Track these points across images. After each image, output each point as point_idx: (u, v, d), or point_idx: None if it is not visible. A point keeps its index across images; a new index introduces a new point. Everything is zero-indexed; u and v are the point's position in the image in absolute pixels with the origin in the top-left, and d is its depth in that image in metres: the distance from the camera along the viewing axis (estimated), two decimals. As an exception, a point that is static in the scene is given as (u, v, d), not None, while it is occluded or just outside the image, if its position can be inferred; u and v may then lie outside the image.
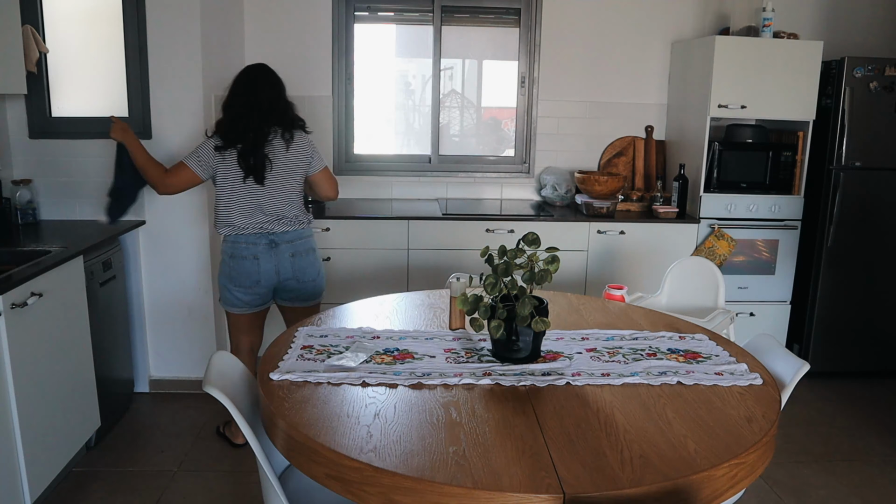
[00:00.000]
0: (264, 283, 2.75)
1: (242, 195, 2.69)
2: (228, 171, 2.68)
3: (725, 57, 3.59)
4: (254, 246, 2.71)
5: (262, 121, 2.67)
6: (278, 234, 2.74)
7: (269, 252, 2.73)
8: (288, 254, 2.76)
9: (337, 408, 1.55)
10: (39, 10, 3.13)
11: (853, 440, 3.21)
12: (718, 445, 1.42)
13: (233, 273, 2.73)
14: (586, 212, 3.72)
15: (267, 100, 2.70)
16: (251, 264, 2.71)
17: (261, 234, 2.72)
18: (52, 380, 2.51)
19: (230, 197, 2.69)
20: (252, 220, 2.70)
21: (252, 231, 2.71)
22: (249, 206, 2.70)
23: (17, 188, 3.17)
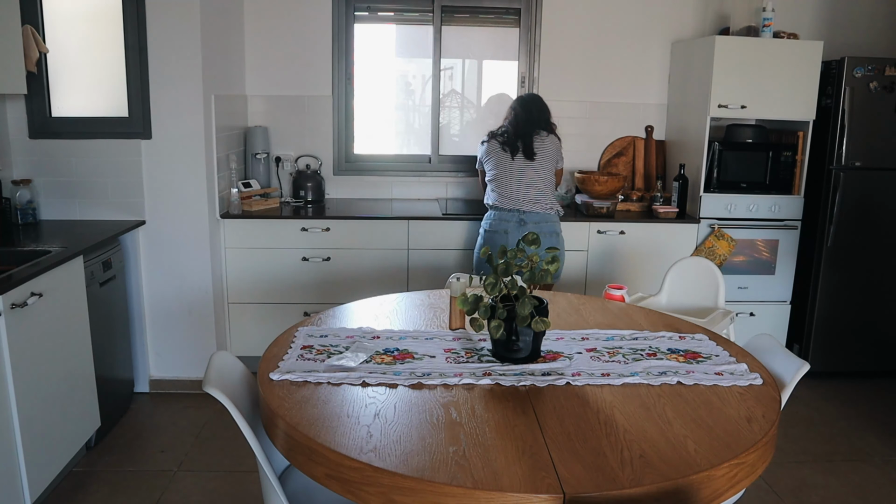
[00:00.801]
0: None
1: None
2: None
3: (725, 57, 3.59)
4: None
5: None
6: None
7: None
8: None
9: (337, 408, 1.55)
10: (39, 10, 3.13)
11: (853, 440, 3.21)
12: (718, 445, 1.42)
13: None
14: (586, 212, 3.72)
15: None
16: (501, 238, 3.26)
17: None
18: (52, 380, 2.51)
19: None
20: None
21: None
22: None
23: (17, 188, 3.17)
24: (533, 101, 3.36)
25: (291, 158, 4.02)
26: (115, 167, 3.26)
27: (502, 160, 3.25)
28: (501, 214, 3.24)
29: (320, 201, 3.91)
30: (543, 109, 3.34)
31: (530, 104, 3.34)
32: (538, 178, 3.23)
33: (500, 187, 3.25)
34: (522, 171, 3.22)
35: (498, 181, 3.26)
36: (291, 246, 3.55)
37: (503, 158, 3.25)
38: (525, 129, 3.26)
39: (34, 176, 3.25)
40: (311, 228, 3.54)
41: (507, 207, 3.22)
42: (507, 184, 3.23)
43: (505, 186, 3.24)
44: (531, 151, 3.23)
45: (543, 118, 3.31)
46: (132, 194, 3.29)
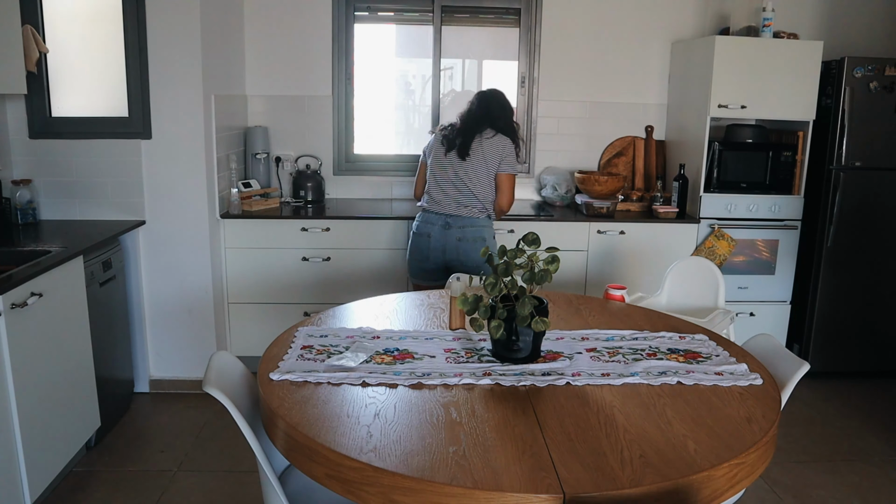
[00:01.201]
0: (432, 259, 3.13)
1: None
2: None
3: (725, 57, 3.59)
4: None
5: None
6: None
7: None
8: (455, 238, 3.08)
9: (337, 408, 1.55)
10: (39, 10, 3.13)
11: (853, 440, 3.21)
12: (718, 445, 1.42)
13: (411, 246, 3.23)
14: (586, 212, 3.72)
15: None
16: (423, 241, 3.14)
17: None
18: (52, 380, 2.51)
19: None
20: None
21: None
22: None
23: (17, 188, 3.17)
24: (493, 97, 3.11)
25: (291, 158, 4.02)
26: (115, 167, 3.26)
27: (438, 156, 3.09)
28: (428, 216, 3.11)
29: (320, 201, 3.91)
30: (504, 108, 3.10)
31: (489, 100, 3.09)
32: (468, 180, 3.02)
33: (431, 187, 3.11)
34: (455, 170, 3.03)
35: (431, 179, 3.11)
36: (291, 246, 3.55)
37: (439, 154, 3.09)
38: (470, 126, 3.04)
39: (34, 176, 3.25)
40: (311, 228, 3.54)
41: (434, 210, 3.08)
42: (437, 184, 3.08)
43: (434, 186, 3.09)
44: (466, 151, 3.00)
45: (498, 116, 3.06)
46: (132, 194, 3.29)
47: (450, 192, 3.06)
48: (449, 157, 3.04)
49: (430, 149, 3.15)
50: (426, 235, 3.09)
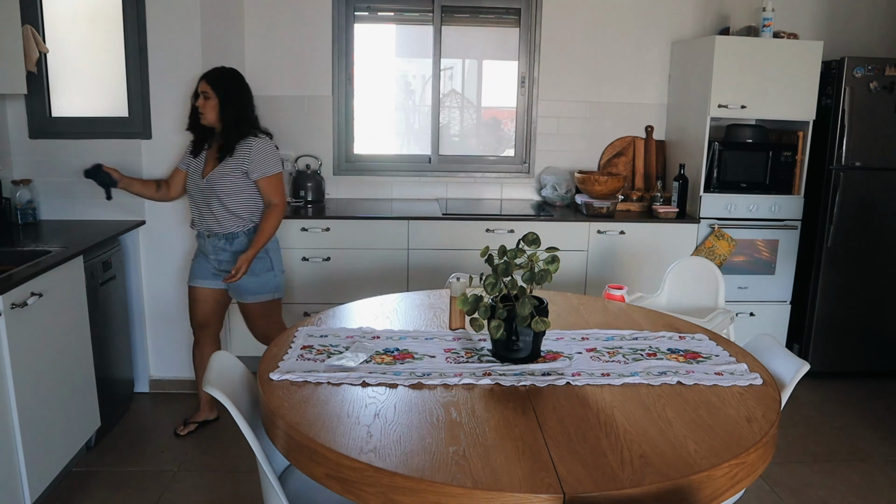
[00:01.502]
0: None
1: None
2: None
3: (725, 57, 3.59)
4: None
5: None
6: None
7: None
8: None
9: (337, 408, 1.55)
10: (39, 10, 3.13)
11: (853, 440, 3.21)
12: (718, 445, 1.42)
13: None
14: (586, 212, 3.72)
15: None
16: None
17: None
18: (52, 380, 2.51)
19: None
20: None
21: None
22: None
23: (17, 188, 3.17)
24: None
25: (291, 158, 4.02)
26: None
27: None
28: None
29: (320, 201, 3.91)
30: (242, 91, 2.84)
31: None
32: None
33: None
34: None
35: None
36: (291, 246, 3.55)
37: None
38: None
39: (34, 176, 3.25)
40: (311, 228, 3.54)
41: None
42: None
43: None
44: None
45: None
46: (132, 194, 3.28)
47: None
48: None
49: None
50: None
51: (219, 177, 2.77)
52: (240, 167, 2.77)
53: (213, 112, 2.76)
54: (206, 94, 2.76)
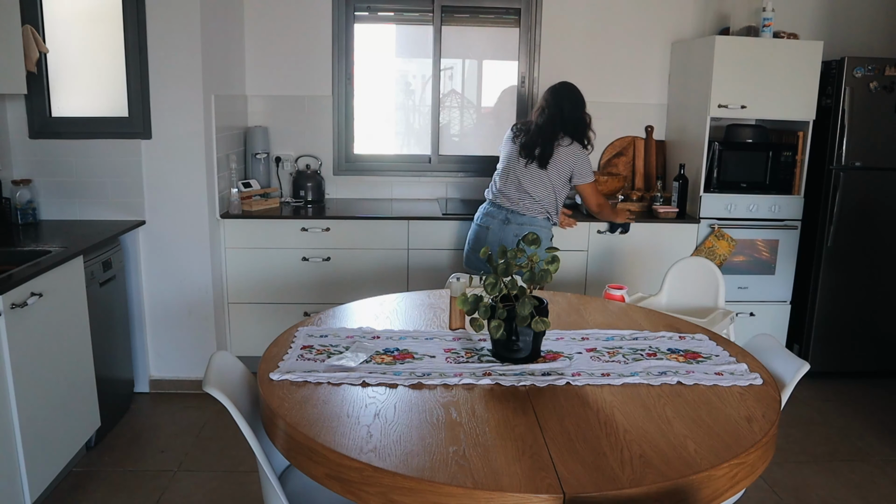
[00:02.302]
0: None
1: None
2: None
3: (725, 57, 3.59)
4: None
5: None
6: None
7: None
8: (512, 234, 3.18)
9: (337, 408, 1.55)
10: (39, 10, 3.13)
11: (853, 440, 3.21)
12: (718, 445, 1.42)
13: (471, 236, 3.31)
14: (586, 212, 3.72)
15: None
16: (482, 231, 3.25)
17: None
18: (52, 380, 2.51)
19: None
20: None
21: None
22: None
23: (17, 188, 3.17)
24: (565, 93, 3.14)
25: (291, 158, 4.02)
26: (115, 167, 3.26)
27: (513, 157, 3.18)
28: (490, 209, 3.22)
29: (320, 201, 3.91)
30: (577, 104, 3.13)
31: (562, 98, 3.13)
32: (541, 185, 3.12)
33: (501, 183, 3.21)
34: (526, 175, 3.13)
35: (502, 175, 3.21)
36: (291, 246, 3.55)
37: (513, 156, 3.18)
38: (546, 132, 3.09)
39: (34, 176, 3.25)
40: (311, 228, 3.54)
41: (499, 203, 3.19)
42: (508, 182, 3.18)
43: (505, 183, 3.19)
44: (545, 160, 3.08)
45: (570, 118, 3.10)
46: (132, 194, 3.29)
47: (513, 190, 3.16)
48: (520, 161, 3.13)
49: (505, 142, 3.26)
50: (486, 228, 3.19)
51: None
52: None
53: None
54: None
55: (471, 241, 3.28)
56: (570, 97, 3.13)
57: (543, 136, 3.09)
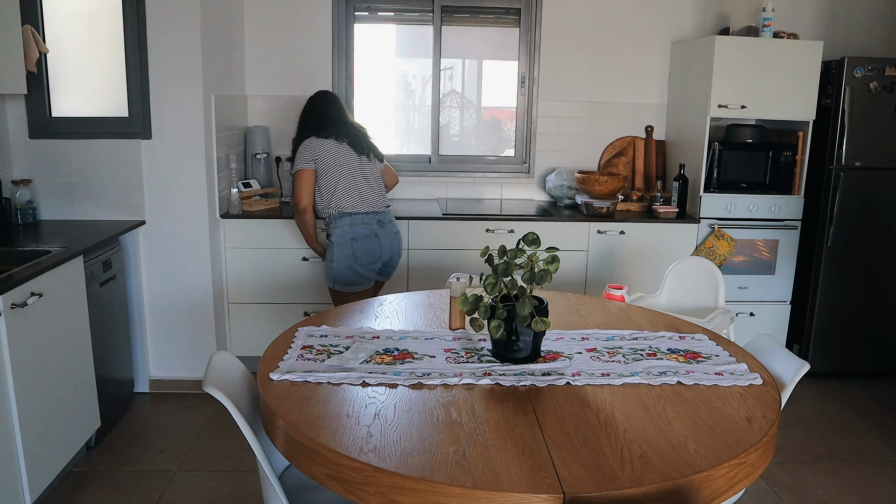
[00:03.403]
0: (384, 258, 3.17)
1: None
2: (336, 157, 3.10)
3: (725, 57, 3.59)
4: (370, 225, 3.12)
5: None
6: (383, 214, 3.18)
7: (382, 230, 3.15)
8: (393, 232, 3.20)
9: (337, 408, 1.55)
10: (39, 10, 3.13)
11: (853, 440, 3.21)
12: (718, 445, 1.42)
13: (357, 252, 3.08)
14: (586, 212, 3.72)
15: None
16: (373, 242, 3.10)
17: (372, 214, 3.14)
18: (52, 380, 2.51)
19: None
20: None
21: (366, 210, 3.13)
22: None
23: (17, 188, 3.17)
24: (335, 99, 3.27)
25: (291, 158, 4.02)
26: (115, 167, 3.26)
27: (351, 160, 3.11)
28: (363, 218, 3.10)
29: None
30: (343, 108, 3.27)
31: (336, 101, 3.25)
32: (379, 178, 3.21)
33: (351, 190, 3.09)
34: (371, 173, 3.16)
35: (347, 182, 3.09)
36: (291, 246, 3.55)
37: (351, 158, 3.11)
38: (356, 128, 3.20)
39: (34, 176, 3.25)
40: (311, 228, 3.54)
41: (364, 210, 3.10)
42: (359, 186, 3.11)
43: (358, 188, 3.11)
44: (378, 153, 3.23)
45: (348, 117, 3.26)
46: (132, 194, 3.29)
47: (368, 190, 3.13)
48: (361, 160, 3.14)
49: (323, 149, 3.08)
50: (373, 236, 3.10)
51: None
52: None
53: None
54: None
55: (358, 256, 3.08)
56: (340, 103, 3.27)
57: (360, 133, 3.20)
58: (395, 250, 3.20)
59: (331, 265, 3.10)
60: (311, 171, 3.07)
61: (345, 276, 3.08)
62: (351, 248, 3.06)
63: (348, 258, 3.06)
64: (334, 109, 3.20)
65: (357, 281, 3.11)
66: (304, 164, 3.06)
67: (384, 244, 3.13)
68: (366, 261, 3.09)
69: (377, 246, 3.11)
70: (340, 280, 3.10)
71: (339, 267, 3.07)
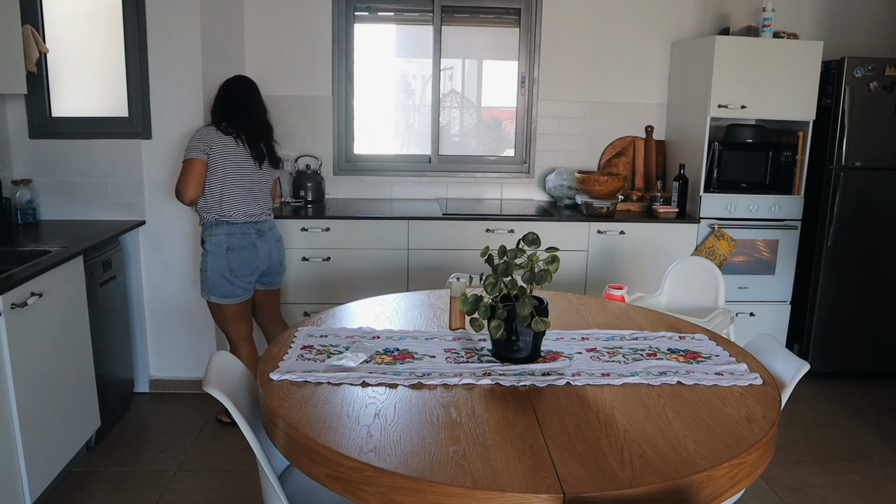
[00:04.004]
0: (262, 268, 2.99)
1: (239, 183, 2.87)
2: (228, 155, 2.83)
3: (725, 57, 3.59)
4: (248, 235, 2.90)
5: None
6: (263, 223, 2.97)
7: (261, 239, 2.95)
8: (273, 240, 3.02)
9: (337, 408, 1.55)
10: (39, 10, 3.13)
11: (853, 440, 3.21)
12: (718, 445, 1.42)
13: (233, 263, 2.87)
14: (586, 212, 3.72)
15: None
16: (250, 252, 2.90)
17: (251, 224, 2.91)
18: (52, 380, 2.51)
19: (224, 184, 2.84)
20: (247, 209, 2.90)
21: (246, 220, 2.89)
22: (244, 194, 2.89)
23: (17, 188, 3.17)
24: (253, 87, 2.95)
25: (291, 158, 4.02)
26: (115, 167, 3.26)
27: (244, 163, 2.85)
28: (241, 228, 2.86)
29: (320, 201, 3.91)
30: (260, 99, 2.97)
31: (252, 91, 2.94)
32: (269, 186, 3.00)
33: (238, 196, 2.85)
34: (262, 179, 2.93)
35: (238, 188, 2.83)
36: (291, 246, 3.55)
37: (244, 161, 2.85)
38: (265, 129, 2.94)
39: (34, 176, 3.25)
40: (311, 228, 3.54)
41: (244, 220, 2.87)
42: (246, 194, 2.87)
43: (245, 197, 2.87)
44: (277, 159, 2.98)
45: (262, 108, 2.97)
46: (132, 194, 3.29)
47: (258, 201, 2.92)
48: (256, 166, 2.90)
49: (220, 149, 2.80)
50: (251, 246, 2.89)
51: None
52: None
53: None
54: None
55: (234, 268, 2.87)
56: (257, 94, 2.97)
57: (263, 134, 2.93)
58: (276, 258, 3.02)
59: (204, 275, 2.88)
60: (202, 162, 2.76)
61: (220, 287, 2.86)
62: (226, 259, 2.83)
63: (222, 269, 2.84)
64: (247, 100, 2.90)
65: (233, 293, 2.90)
66: (196, 154, 2.75)
67: (262, 254, 2.93)
68: (242, 272, 2.88)
69: (254, 257, 2.90)
70: (216, 292, 2.87)
71: (213, 278, 2.85)
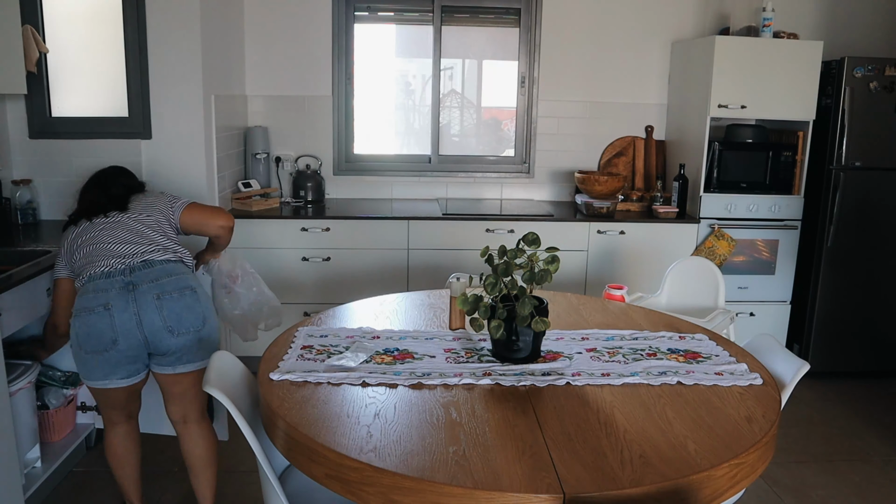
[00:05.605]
0: (122, 342, 2.09)
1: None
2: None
3: (725, 57, 3.59)
4: (104, 293, 2.08)
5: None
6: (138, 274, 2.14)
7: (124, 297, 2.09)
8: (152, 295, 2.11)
9: (337, 408, 1.55)
10: (39, 10, 3.13)
11: (853, 440, 3.21)
12: (718, 445, 1.42)
13: (79, 331, 2.09)
14: (586, 212, 3.72)
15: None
16: (100, 317, 2.07)
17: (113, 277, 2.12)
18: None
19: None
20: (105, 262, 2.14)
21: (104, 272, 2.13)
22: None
23: (17, 188, 3.17)
24: (115, 174, 2.43)
25: (291, 158, 4.02)
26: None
27: (86, 231, 2.20)
28: (97, 285, 2.08)
29: (320, 201, 3.91)
30: (130, 176, 2.48)
31: (109, 180, 2.38)
32: (144, 224, 2.24)
33: (89, 256, 2.15)
34: (117, 225, 2.21)
35: (86, 255, 2.16)
36: (291, 246, 3.55)
37: (86, 229, 2.21)
38: (113, 196, 2.32)
39: (34, 176, 3.25)
40: (311, 228, 3.54)
41: (106, 269, 2.10)
42: (98, 247, 2.16)
43: (96, 252, 2.15)
44: (124, 204, 2.28)
45: (131, 184, 2.43)
46: (132, 194, 3.28)
47: (121, 244, 2.18)
48: (109, 217, 2.23)
49: (75, 239, 2.22)
50: (101, 308, 2.06)
51: None
52: None
53: None
54: None
55: (85, 338, 2.09)
56: (124, 177, 2.46)
57: (115, 197, 2.33)
58: (159, 324, 2.09)
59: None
60: (67, 280, 2.24)
61: (80, 365, 2.13)
62: (74, 328, 2.09)
63: (73, 341, 2.10)
64: (112, 186, 2.36)
65: (98, 375, 2.11)
66: (58, 272, 2.26)
67: (123, 318, 2.05)
68: (91, 347, 2.06)
69: (106, 325, 2.05)
70: (80, 370, 2.15)
71: (73, 353, 2.14)
